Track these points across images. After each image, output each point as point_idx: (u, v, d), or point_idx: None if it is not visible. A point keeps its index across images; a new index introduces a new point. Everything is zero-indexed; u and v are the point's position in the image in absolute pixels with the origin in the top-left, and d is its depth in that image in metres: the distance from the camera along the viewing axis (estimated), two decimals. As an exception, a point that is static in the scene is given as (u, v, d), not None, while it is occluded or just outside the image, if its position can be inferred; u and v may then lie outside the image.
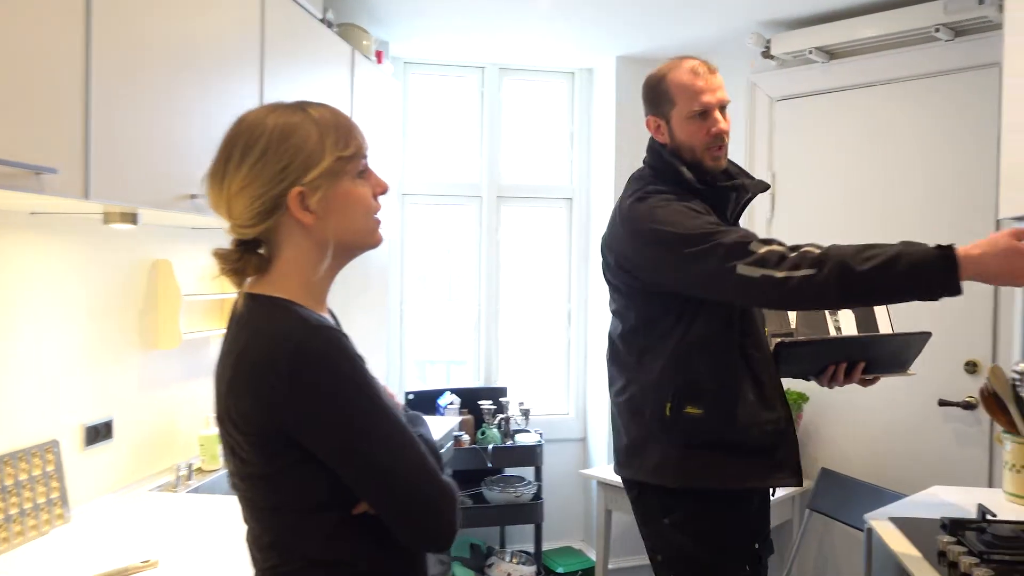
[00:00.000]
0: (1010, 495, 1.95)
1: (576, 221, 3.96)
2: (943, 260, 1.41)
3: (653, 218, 1.67)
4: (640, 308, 1.78)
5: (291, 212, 1.05)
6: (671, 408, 1.71)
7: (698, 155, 1.74)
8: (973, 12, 2.64)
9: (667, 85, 1.76)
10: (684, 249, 1.60)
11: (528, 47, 3.60)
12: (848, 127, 3.08)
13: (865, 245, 1.48)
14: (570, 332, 3.99)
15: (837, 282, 1.45)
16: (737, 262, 1.52)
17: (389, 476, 1.00)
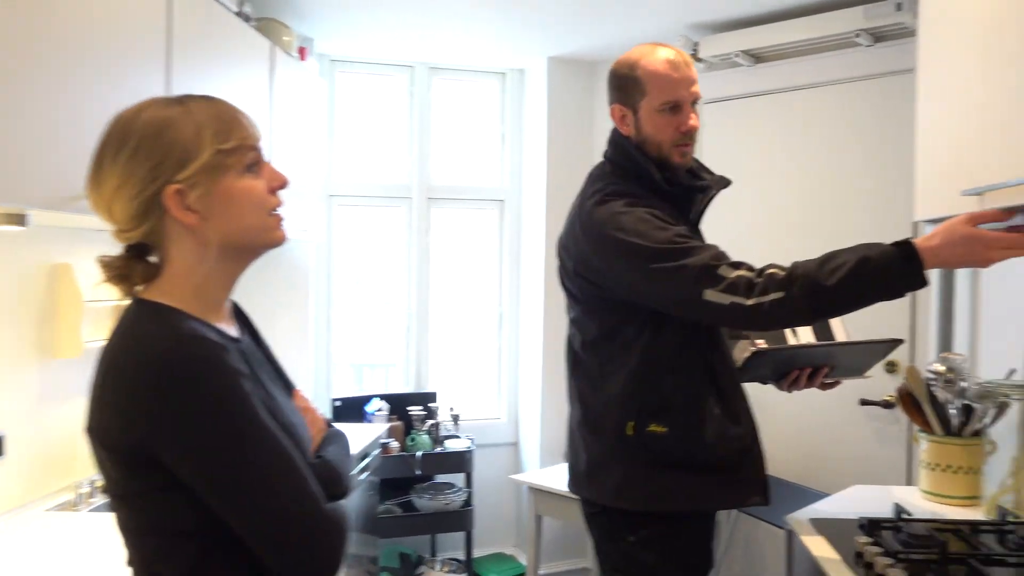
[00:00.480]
0: (926, 492, 1.98)
1: (508, 223, 3.92)
2: (905, 258, 1.39)
3: (617, 225, 1.56)
4: (600, 318, 1.69)
5: (170, 212, 0.98)
6: (634, 426, 1.62)
7: (665, 151, 1.64)
8: (891, 18, 2.70)
9: (639, 73, 1.63)
10: (649, 265, 1.52)
11: (458, 46, 3.55)
12: (774, 130, 3.11)
13: (826, 256, 1.44)
14: (502, 336, 3.95)
15: (807, 301, 1.42)
16: (705, 288, 1.46)
17: (258, 503, 0.92)
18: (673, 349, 1.62)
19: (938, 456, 1.95)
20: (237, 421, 0.92)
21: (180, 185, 0.97)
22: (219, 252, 1.01)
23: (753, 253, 3.03)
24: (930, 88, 1.77)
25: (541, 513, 3.07)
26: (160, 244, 1.01)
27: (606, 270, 1.61)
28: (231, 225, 1.01)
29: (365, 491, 2.96)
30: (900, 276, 1.40)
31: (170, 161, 0.97)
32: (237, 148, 1.01)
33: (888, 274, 1.40)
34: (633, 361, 1.63)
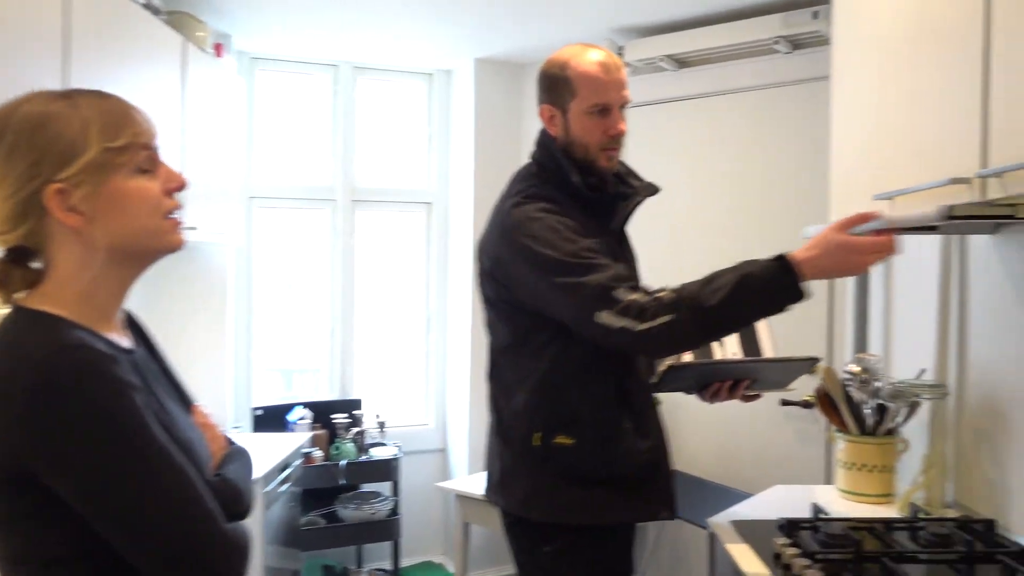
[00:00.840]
0: (843, 491, 2.01)
1: (435, 226, 3.86)
2: (783, 271, 1.41)
3: (528, 231, 1.55)
4: (512, 323, 1.66)
5: (52, 213, 0.90)
6: (541, 437, 1.60)
7: (591, 153, 1.63)
8: (808, 26, 2.76)
9: (570, 74, 1.61)
10: (550, 277, 1.51)
11: (383, 46, 3.48)
12: (698, 134, 3.15)
13: (710, 276, 1.46)
14: (429, 340, 3.89)
15: (694, 323, 1.43)
16: (598, 310, 1.45)
17: (149, 522, 0.86)
18: (583, 359, 1.59)
19: (854, 455, 1.99)
20: (125, 435, 0.85)
21: (62, 184, 0.90)
22: (107, 257, 0.94)
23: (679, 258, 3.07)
24: (843, 95, 1.81)
25: (469, 520, 3.03)
26: (43, 248, 0.93)
27: (514, 274, 1.60)
28: (121, 228, 0.94)
29: (286, 503, 2.87)
30: (780, 290, 1.42)
31: (51, 158, 0.90)
32: (128, 146, 0.94)
33: (769, 289, 1.42)
34: (543, 370, 1.61)
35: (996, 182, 1.17)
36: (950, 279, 1.97)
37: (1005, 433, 1.75)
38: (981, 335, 1.85)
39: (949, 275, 1.97)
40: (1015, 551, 1.54)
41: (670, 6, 2.93)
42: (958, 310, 1.94)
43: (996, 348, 1.79)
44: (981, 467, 1.84)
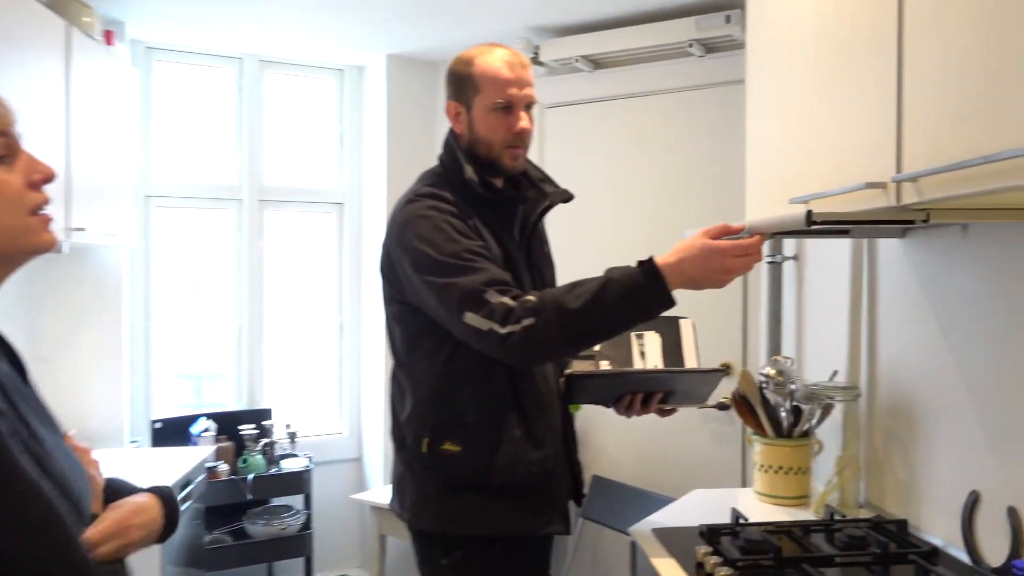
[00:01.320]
0: (760, 494, 2.02)
1: (348, 227, 3.73)
2: (648, 275, 1.40)
3: (414, 228, 1.53)
4: (405, 324, 1.63)
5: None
6: (428, 443, 1.56)
7: (495, 152, 1.61)
8: (721, 30, 2.78)
9: (474, 70, 1.60)
10: (426, 275, 1.49)
11: (291, 39, 3.33)
12: (613, 136, 3.14)
13: (575, 282, 1.45)
14: (343, 345, 3.75)
15: (557, 326, 1.40)
16: (467, 311, 1.43)
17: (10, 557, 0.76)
18: (475, 363, 1.55)
19: (770, 458, 1.99)
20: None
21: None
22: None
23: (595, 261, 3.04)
24: (757, 98, 1.80)
25: (385, 533, 2.93)
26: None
27: (400, 273, 1.57)
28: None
29: (189, 521, 2.70)
30: (645, 295, 1.40)
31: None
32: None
33: (633, 294, 1.40)
34: (434, 373, 1.58)
35: (911, 187, 1.17)
36: (860, 282, 2.00)
37: (914, 434, 1.78)
38: (890, 337, 1.88)
39: (859, 278, 2.00)
40: (926, 551, 1.56)
41: (586, 6, 2.91)
42: (868, 312, 1.97)
43: (904, 350, 1.82)
44: (892, 467, 1.87)
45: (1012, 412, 1.47)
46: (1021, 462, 1.44)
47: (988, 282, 1.53)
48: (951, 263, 1.64)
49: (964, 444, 1.60)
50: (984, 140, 1.01)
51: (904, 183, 1.18)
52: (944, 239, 1.66)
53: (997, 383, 1.51)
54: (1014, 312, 1.46)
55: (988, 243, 1.53)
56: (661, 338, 1.75)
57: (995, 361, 1.52)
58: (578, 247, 3.07)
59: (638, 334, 1.75)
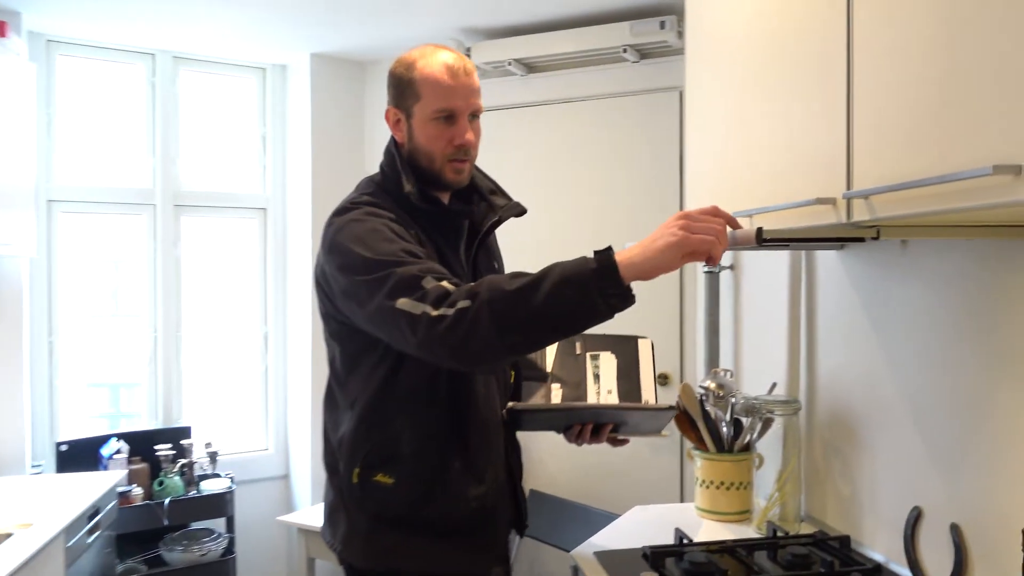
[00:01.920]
0: (701, 510, 1.98)
1: (272, 233, 3.56)
2: (598, 260, 1.20)
3: (348, 234, 1.39)
4: (340, 342, 1.51)
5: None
6: (359, 474, 1.45)
7: (437, 165, 1.48)
8: (656, 36, 2.75)
9: (415, 75, 1.46)
10: (358, 276, 1.34)
11: (208, 35, 3.15)
12: (547, 142, 3.08)
13: (516, 272, 1.29)
14: (268, 357, 3.58)
15: (489, 308, 1.20)
16: (401, 296, 1.27)
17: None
18: (414, 387, 1.43)
19: (711, 473, 1.96)
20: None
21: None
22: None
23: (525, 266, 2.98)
24: (698, 108, 1.76)
25: (313, 556, 2.80)
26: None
27: (334, 285, 1.43)
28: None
29: (99, 551, 2.50)
30: (591, 281, 1.18)
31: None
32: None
33: (577, 279, 1.18)
34: (368, 398, 1.46)
35: (863, 203, 1.13)
36: (799, 293, 1.98)
37: (854, 448, 1.76)
38: (829, 349, 1.87)
39: (798, 289, 1.99)
40: (870, 568, 1.55)
41: (518, 8, 2.83)
42: (807, 324, 1.95)
43: (844, 363, 1.81)
44: (833, 481, 1.86)
45: (954, 427, 1.46)
46: (963, 478, 1.43)
47: (928, 296, 1.52)
48: (891, 276, 1.63)
49: (906, 459, 1.59)
50: (940, 157, 0.97)
51: (855, 199, 1.14)
52: (883, 252, 1.65)
53: (938, 397, 1.50)
54: (954, 326, 1.45)
55: (928, 256, 1.52)
56: (617, 359, 1.65)
57: (936, 375, 1.50)
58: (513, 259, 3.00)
59: (593, 355, 1.65)
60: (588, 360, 1.66)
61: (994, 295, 1.36)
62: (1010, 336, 1.32)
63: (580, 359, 1.66)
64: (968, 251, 1.41)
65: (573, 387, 1.63)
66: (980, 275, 1.39)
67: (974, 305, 1.40)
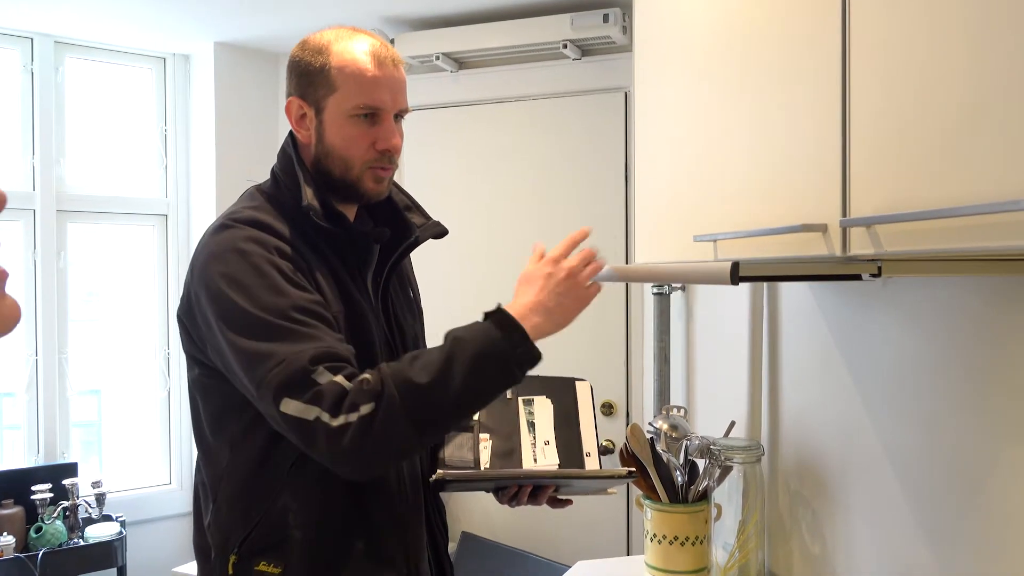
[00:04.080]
0: (653, 568, 1.74)
1: (174, 243, 3.19)
2: (503, 328, 1.09)
3: (225, 268, 1.12)
4: (206, 392, 1.22)
5: None
6: (235, 564, 1.16)
7: (354, 173, 1.22)
8: (598, 30, 2.51)
9: (330, 62, 1.19)
10: (234, 335, 1.08)
11: (97, 18, 2.76)
12: (479, 143, 2.81)
13: (412, 355, 1.11)
14: (170, 382, 3.21)
15: (402, 407, 1.03)
16: (285, 396, 1.04)
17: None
18: (300, 457, 1.15)
19: (664, 527, 1.71)
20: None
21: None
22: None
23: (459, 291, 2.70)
24: (650, 110, 1.50)
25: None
26: None
27: (200, 322, 1.16)
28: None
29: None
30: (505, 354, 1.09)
31: None
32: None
33: (490, 354, 1.08)
34: (244, 465, 1.17)
35: (863, 233, 0.89)
36: (760, 322, 1.76)
37: (825, 500, 1.54)
38: (795, 388, 1.65)
39: (760, 316, 1.76)
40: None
41: (448, -4, 2.56)
42: (769, 356, 1.73)
43: (812, 404, 1.58)
44: (800, 537, 1.63)
45: (942, 484, 1.24)
46: (953, 543, 1.22)
47: (912, 334, 1.30)
48: (867, 307, 1.41)
49: (888, 521, 1.37)
50: (972, 181, 0.73)
51: (854, 229, 0.90)
52: (858, 284, 1.43)
53: (923, 451, 1.28)
54: (945, 372, 1.23)
55: (911, 287, 1.30)
56: (553, 405, 1.41)
57: (923, 429, 1.28)
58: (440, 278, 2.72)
59: (527, 399, 1.40)
60: (520, 406, 1.41)
61: (993, 334, 1.14)
62: (1013, 387, 1.10)
63: (511, 404, 1.41)
64: (961, 282, 1.19)
65: (504, 438, 1.37)
66: (976, 310, 1.17)
67: (968, 346, 1.18)
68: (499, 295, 1.22)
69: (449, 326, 1.13)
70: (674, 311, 2.11)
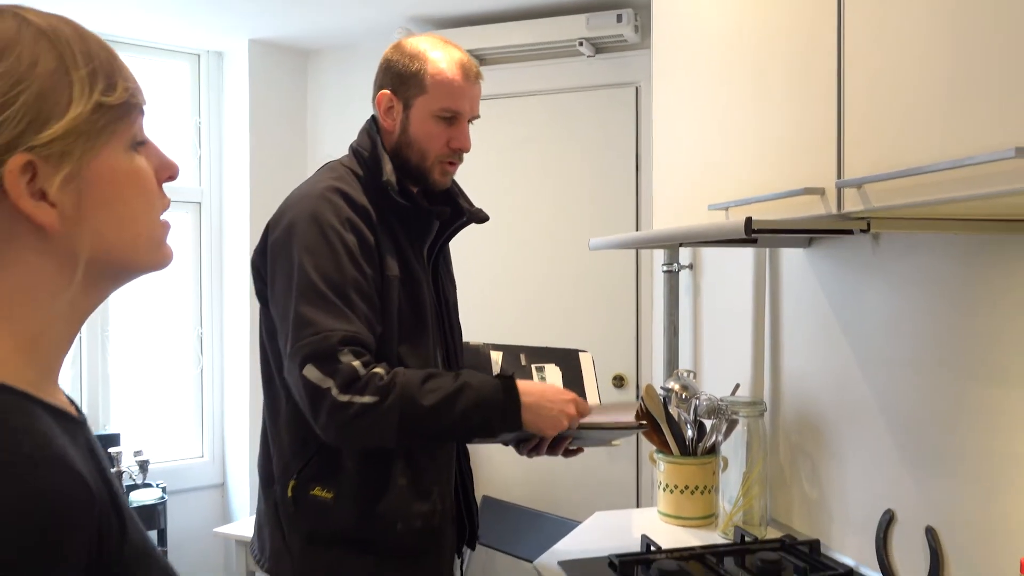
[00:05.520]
0: (665, 515, 1.92)
1: (207, 228, 3.38)
2: (507, 393, 1.33)
3: (304, 236, 1.30)
4: (272, 328, 1.40)
5: (9, 201, 0.57)
6: (295, 487, 1.35)
7: (428, 163, 1.43)
8: (612, 29, 2.69)
9: (426, 68, 1.40)
10: (294, 293, 1.28)
11: (136, 16, 2.95)
12: (498, 137, 2.99)
13: (428, 373, 1.31)
14: (203, 359, 3.39)
15: (398, 415, 1.26)
16: (311, 363, 1.24)
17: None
18: None
19: (675, 478, 1.90)
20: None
21: (33, 156, 0.56)
22: (86, 276, 0.61)
23: (481, 275, 2.88)
24: (668, 92, 1.69)
25: (252, 569, 2.63)
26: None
27: (272, 272, 1.35)
28: (113, 230, 0.62)
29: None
30: (498, 413, 1.32)
31: (18, 109, 0.55)
32: (125, 106, 0.63)
33: (487, 407, 1.32)
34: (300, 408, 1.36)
35: (855, 193, 1.07)
36: (763, 292, 1.94)
37: (822, 450, 1.72)
38: (795, 349, 1.83)
39: (762, 288, 1.94)
40: (842, 572, 1.51)
41: (471, -3, 2.74)
42: (771, 323, 1.91)
43: (810, 363, 1.77)
44: (800, 485, 1.82)
45: (927, 427, 1.42)
46: (938, 479, 1.40)
47: (900, 294, 1.48)
48: (860, 274, 1.59)
49: (877, 462, 1.55)
50: (945, 142, 0.91)
51: (847, 189, 1.08)
52: (852, 249, 1.61)
53: (911, 398, 1.47)
54: (928, 326, 1.41)
55: (900, 253, 1.49)
56: (562, 372, 1.62)
57: (909, 377, 1.47)
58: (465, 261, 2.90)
59: (539, 367, 1.62)
60: (534, 372, 1.64)
61: (972, 293, 1.32)
62: (988, 336, 1.29)
63: (526, 370, 1.63)
64: (945, 247, 1.38)
65: None
66: (957, 272, 1.35)
67: (949, 304, 1.37)
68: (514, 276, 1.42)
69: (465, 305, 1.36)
70: (682, 288, 2.29)
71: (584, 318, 2.77)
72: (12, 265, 0.59)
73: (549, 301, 2.77)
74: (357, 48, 3.23)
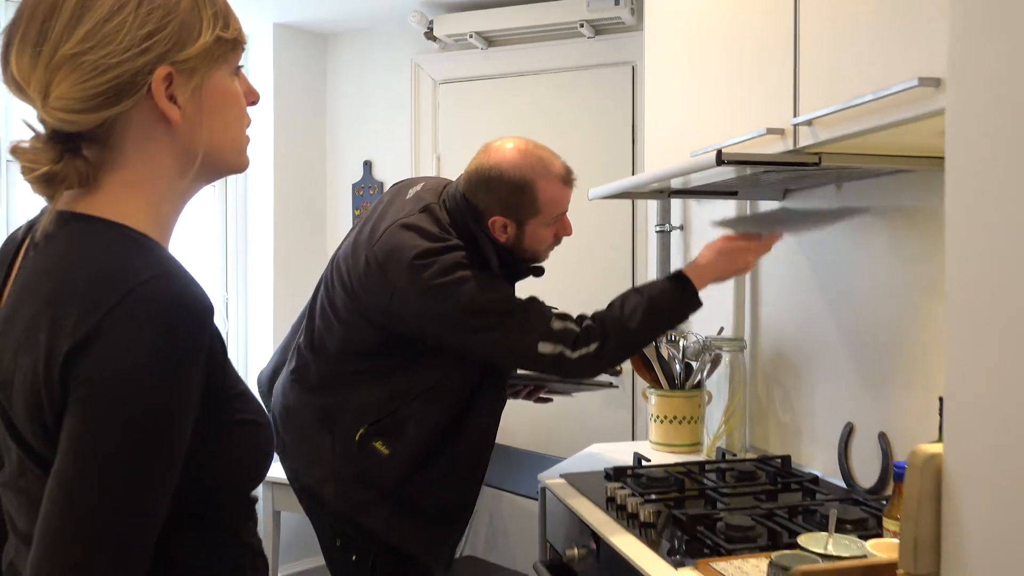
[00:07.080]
0: (656, 443, 2.13)
1: (232, 201, 3.59)
2: (683, 287, 1.64)
3: (457, 291, 1.53)
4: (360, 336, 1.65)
5: (153, 100, 0.76)
6: (362, 435, 1.61)
7: (541, 256, 1.73)
8: (610, 12, 2.90)
9: (536, 194, 1.62)
10: (491, 327, 1.55)
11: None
12: (506, 114, 3.20)
13: (619, 302, 1.62)
14: (228, 324, 3.62)
15: (621, 347, 1.61)
16: (540, 340, 1.55)
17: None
18: (435, 388, 1.65)
19: (665, 409, 2.11)
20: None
21: (173, 69, 0.77)
22: (199, 168, 0.82)
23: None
24: (658, 57, 1.91)
25: (279, 509, 2.86)
26: (109, 141, 0.77)
27: (438, 323, 1.57)
28: (219, 133, 0.82)
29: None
30: (682, 303, 1.65)
31: (167, 33, 0.76)
32: (235, 41, 0.82)
33: (674, 306, 1.65)
34: (404, 375, 1.64)
35: (807, 130, 1.29)
36: (745, 242, 2.15)
37: (794, 380, 1.94)
38: (771, 294, 2.04)
39: (744, 238, 2.16)
40: (809, 479, 1.72)
41: (480, -18, 2.95)
42: (751, 273, 2.12)
43: (784, 304, 1.98)
44: (775, 412, 2.03)
45: (882, 352, 1.64)
46: (889, 393, 1.62)
47: (859, 234, 1.70)
48: (826, 218, 1.81)
49: (839, 384, 1.77)
50: (873, 78, 1.13)
51: (801, 127, 1.30)
52: (819, 197, 1.83)
53: (867, 329, 1.68)
54: (882, 260, 1.63)
55: (859, 196, 1.70)
56: None
57: (866, 307, 1.68)
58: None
59: None
60: None
61: (919, 227, 1.54)
62: (932, 265, 1.50)
63: None
64: (897, 187, 1.59)
65: None
66: (907, 209, 1.57)
67: (900, 238, 1.58)
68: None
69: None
70: (674, 246, 2.51)
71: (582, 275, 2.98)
72: (149, 157, 0.80)
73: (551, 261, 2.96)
74: (373, 31, 3.44)
